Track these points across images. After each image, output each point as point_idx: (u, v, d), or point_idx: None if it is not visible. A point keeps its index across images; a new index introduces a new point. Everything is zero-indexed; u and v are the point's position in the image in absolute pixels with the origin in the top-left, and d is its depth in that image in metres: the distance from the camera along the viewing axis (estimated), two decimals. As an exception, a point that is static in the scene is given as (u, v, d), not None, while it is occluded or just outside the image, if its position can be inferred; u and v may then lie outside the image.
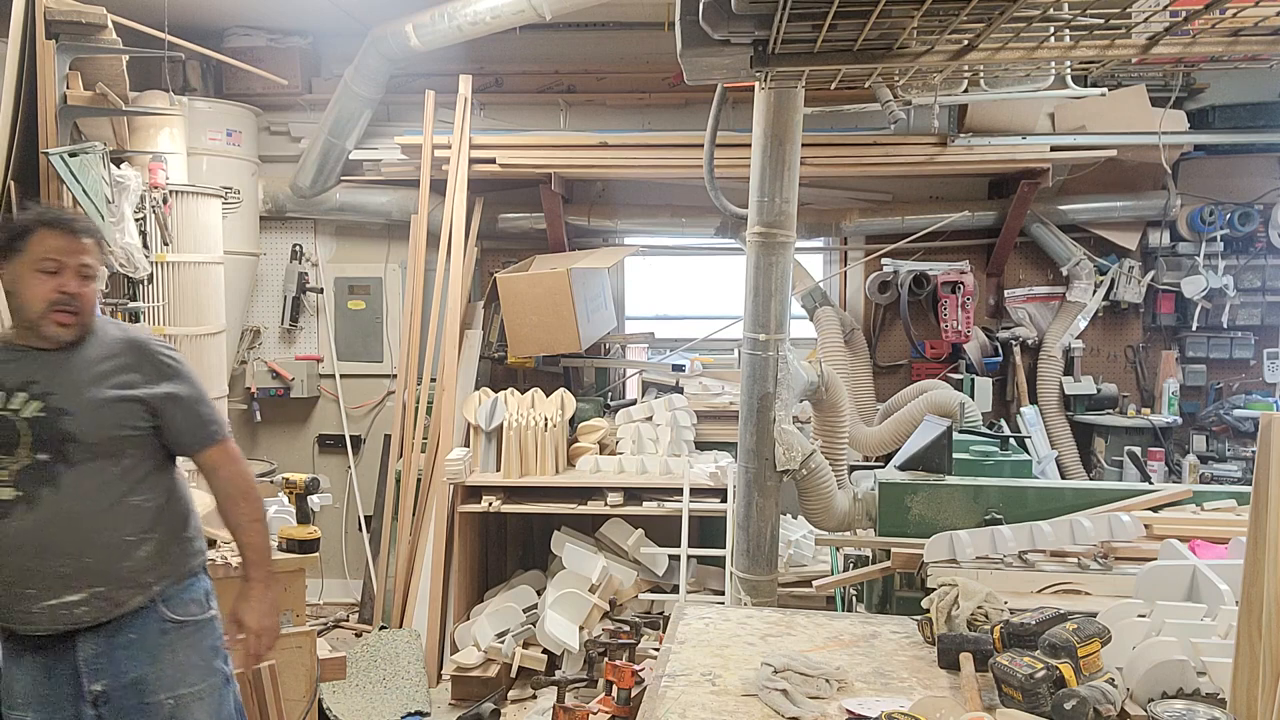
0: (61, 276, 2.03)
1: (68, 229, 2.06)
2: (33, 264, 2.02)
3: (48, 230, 2.03)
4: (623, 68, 5.28)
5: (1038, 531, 2.58)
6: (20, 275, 2.03)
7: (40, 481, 2.00)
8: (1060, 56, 2.38)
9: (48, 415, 2.01)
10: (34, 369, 2.04)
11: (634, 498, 4.49)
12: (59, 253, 2.03)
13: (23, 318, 2.04)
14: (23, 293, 2.03)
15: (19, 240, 2.03)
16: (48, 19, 3.15)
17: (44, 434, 2.00)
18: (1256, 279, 5.05)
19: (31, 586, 2.00)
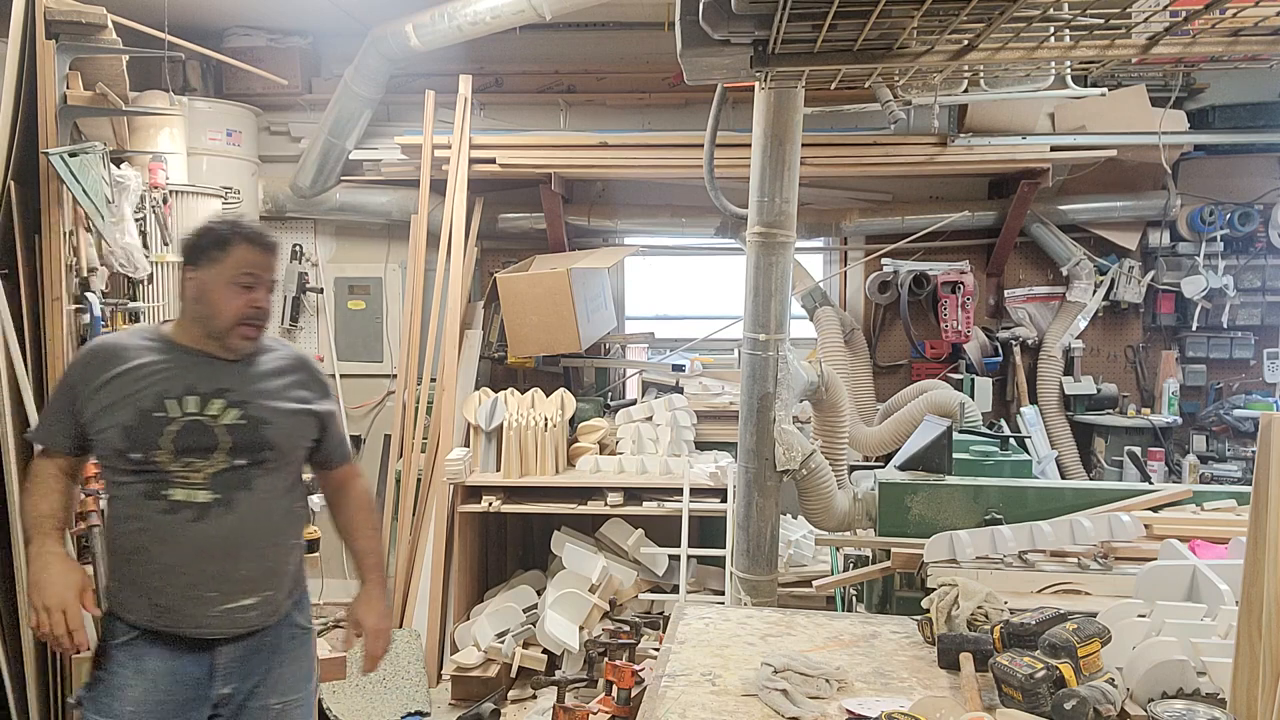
0: (255, 292, 2.04)
1: (265, 245, 2.07)
2: (229, 276, 2.01)
3: (247, 245, 2.03)
4: (623, 68, 5.28)
5: (1038, 531, 2.58)
6: (213, 285, 2.02)
7: (236, 485, 2.03)
8: (1060, 56, 2.38)
9: (248, 423, 2.04)
10: (221, 376, 2.05)
11: (634, 498, 4.48)
12: (256, 267, 2.04)
13: (210, 327, 2.04)
14: (215, 303, 2.02)
15: (217, 250, 2.02)
16: (48, 19, 3.15)
17: (243, 441, 2.03)
18: (1256, 279, 5.05)
19: (214, 590, 2.01)
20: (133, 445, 1.96)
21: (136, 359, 2.02)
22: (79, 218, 3.24)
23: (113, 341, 2.07)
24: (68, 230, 3.16)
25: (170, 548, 1.98)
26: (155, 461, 1.97)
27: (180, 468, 1.99)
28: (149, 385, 2.00)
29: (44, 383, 3.07)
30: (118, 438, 1.97)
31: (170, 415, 1.99)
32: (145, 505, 1.98)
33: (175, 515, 1.98)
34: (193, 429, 2.00)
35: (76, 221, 3.22)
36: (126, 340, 2.07)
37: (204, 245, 2.03)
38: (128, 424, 1.97)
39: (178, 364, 2.04)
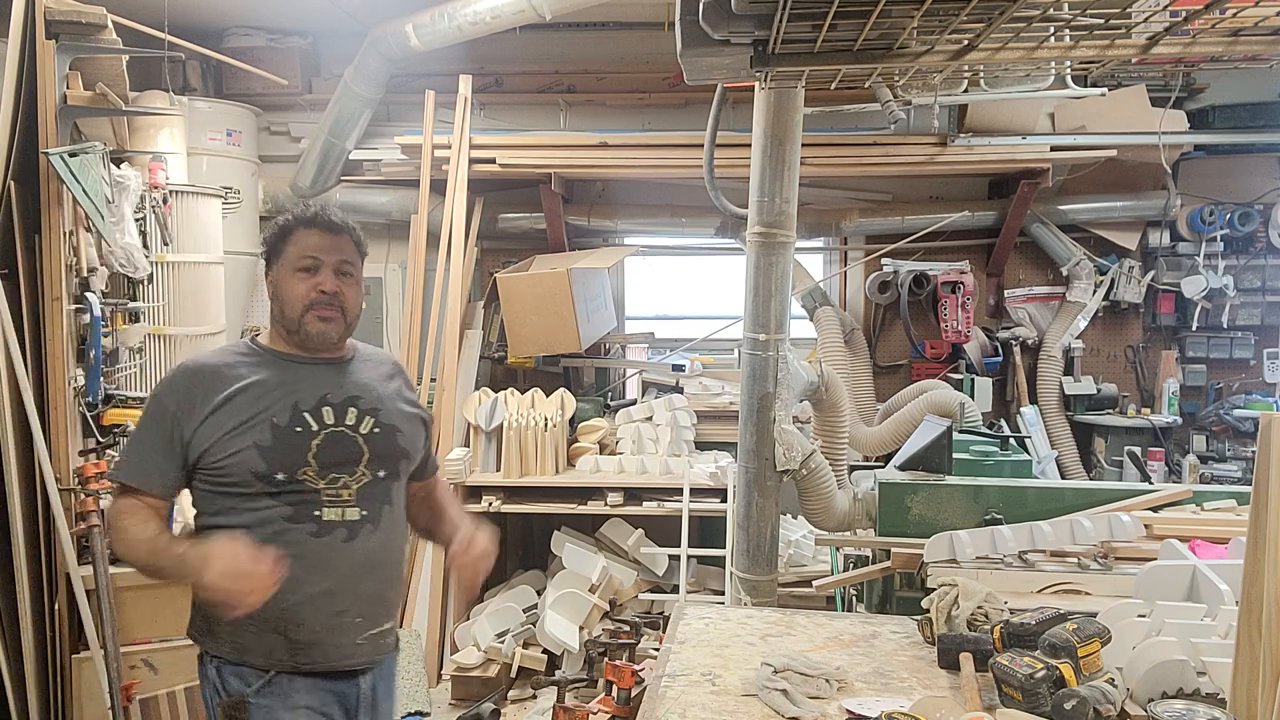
0: (319, 274, 1.91)
1: (325, 225, 1.94)
2: (291, 264, 1.91)
3: (305, 228, 1.93)
4: (623, 68, 5.28)
5: (1038, 531, 2.58)
6: (281, 278, 1.92)
7: (380, 499, 1.92)
8: (1060, 56, 2.38)
9: (383, 431, 1.93)
10: (344, 383, 1.95)
11: (634, 498, 4.48)
12: (317, 250, 1.92)
13: (286, 322, 1.92)
14: (283, 296, 1.92)
15: (280, 242, 1.93)
16: (48, 19, 3.15)
17: (381, 450, 1.92)
18: (1256, 279, 5.05)
19: (360, 614, 1.88)
20: (274, 466, 1.81)
21: (248, 375, 1.88)
22: (79, 218, 3.24)
23: (208, 361, 1.92)
24: (68, 230, 3.16)
25: (321, 574, 1.83)
26: (301, 480, 1.83)
27: (327, 484, 1.85)
28: (277, 399, 1.86)
29: (44, 383, 3.07)
30: (255, 460, 1.80)
31: (312, 428, 1.85)
32: (291, 530, 1.82)
33: (328, 537, 1.84)
34: (336, 441, 1.87)
35: (76, 221, 3.22)
36: (221, 358, 1.92)
37: (272, 242, 1.95)
38: (264, 443, 1.81)
39: (293, 374, 1.91)
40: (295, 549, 1.80)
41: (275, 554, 1.70)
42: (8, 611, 2.98)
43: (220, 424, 1.81)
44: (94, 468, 2.96)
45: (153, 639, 2.98)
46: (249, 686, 1.81)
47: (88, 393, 3.20)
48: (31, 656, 2.96)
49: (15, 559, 2.95)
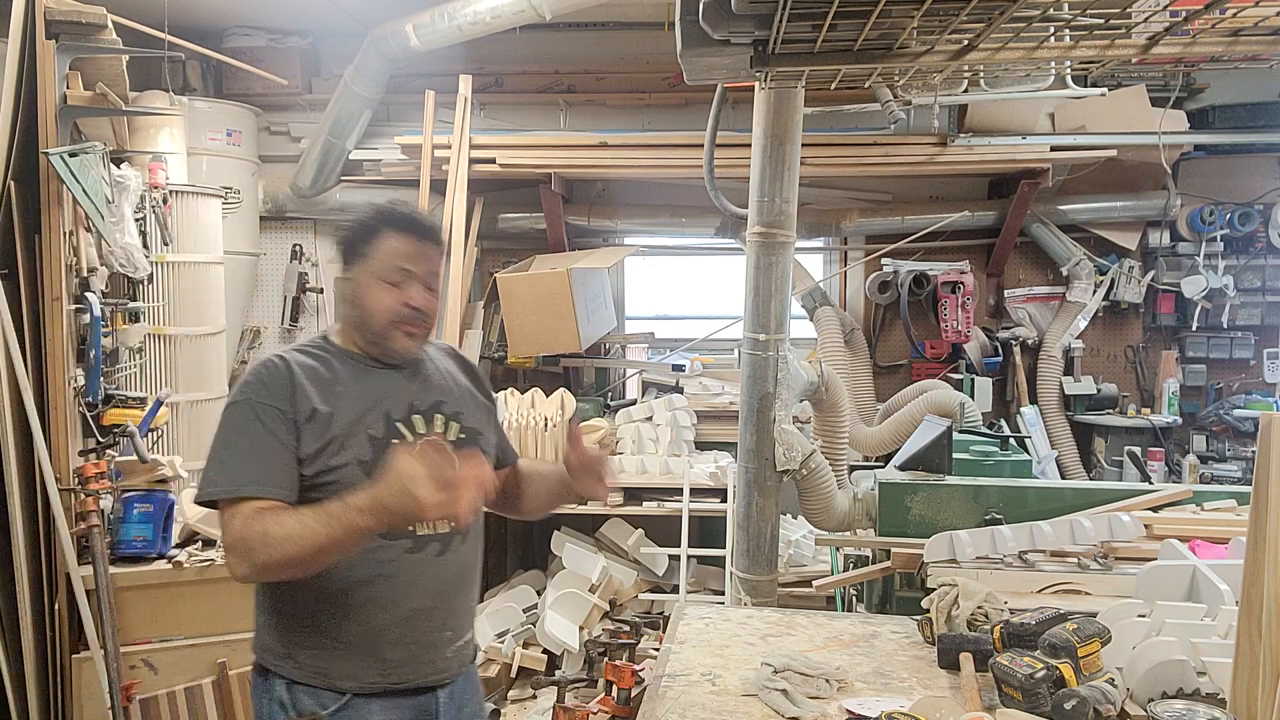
0: (408, 288, 1.76)
1: (419, 232, 1.78)
2: (377, 272, 1.75)
3: (395, 233, 1.76)
4: (623, 68, 5.28)
5: (1038, 531, 2.58)
6: (364, 283, 1.76)
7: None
8: (1060, 56, 2.38)
9: (468, 436, 1.84)
10: (429, 387, 1.85)
11: (634, 498, 4.48)
12: (408, 260, 1.75)
13: (366, 331, 1.78)
14: (366, 305, 1.76)
15: (364, 244, 1.76)
16: (48, 19, 3.15)
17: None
18: (1256, 279, 5.05)
19: (450, 627, 1.81)
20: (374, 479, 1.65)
21: (339, 382, 1.75)
22: (79, 218, 3.24)
23: (301, 360, 1.76)
24: (68, 230, 3.16)
25: (417, 591, 1.75)
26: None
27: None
28: (364, 408, 1.74)
29: (44, 383, 3.07)
30: (357, 475, 1.66)
31: (407, 440, 1.75)
32: (386, 548, 1.71)
33: (422, 552, 1.75)
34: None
35: (76, 221, 3.22)
36: (310, 359, 1.77)
37: (352, 240, 1.79)
38: (365, 458, 1.69)
39: (378, 381, 1.79)
40: (390, 567, 1.71)
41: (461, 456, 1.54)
42: (8, 611, 2.98)
43: (319, 434, 1.69)
44: (94, 468, 2.96)
45: (153, 639, 2.97)
46: (325, 708, 1.72)
47: (88, 393, 3.19)
48: (31, 656, 2.96)
49: (15, 559, 2.95)
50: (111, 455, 3.10)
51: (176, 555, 3.04)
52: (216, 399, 4.38)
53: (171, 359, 4.05)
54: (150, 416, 3.33)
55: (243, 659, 3.00)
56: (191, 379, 4.15)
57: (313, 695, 1.72)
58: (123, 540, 3.02)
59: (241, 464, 1.65)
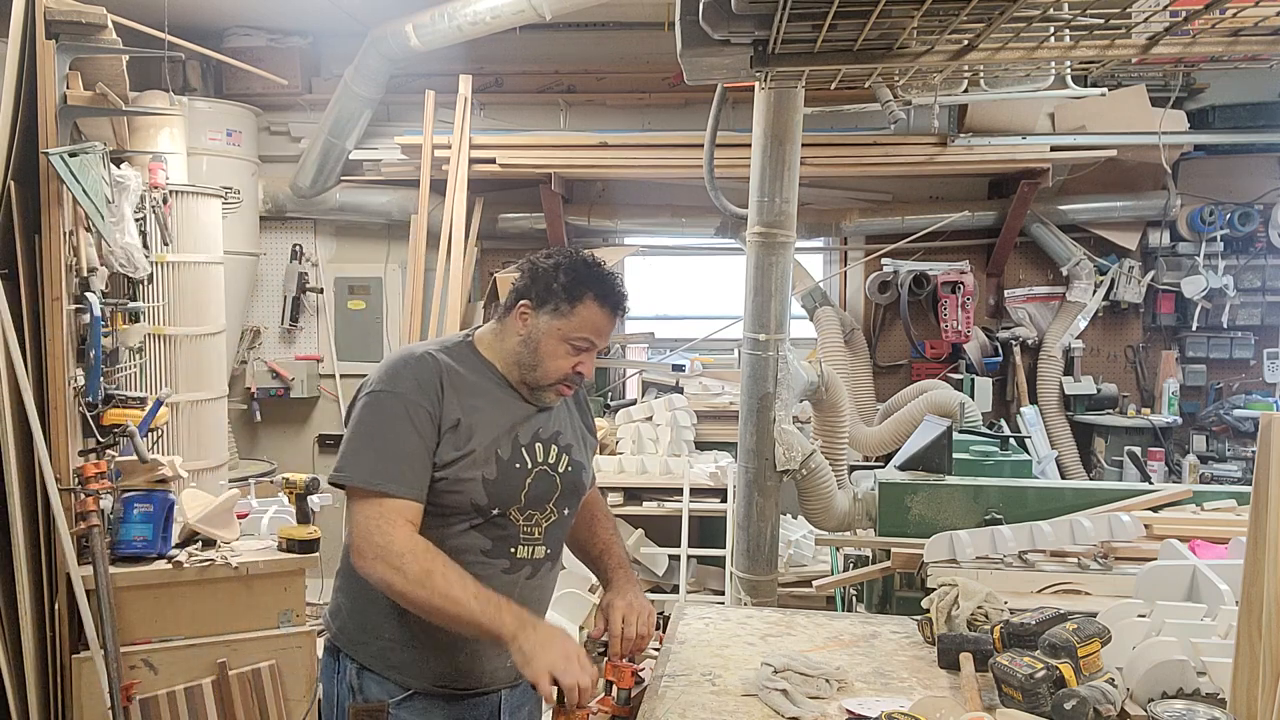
0: (585, 356, 1.77)
1: (615, 307, 1.76)
2: (567, 334, 1.74)
3: (598, 303, 1.74)
4: (623, 68, 5.28)
5: (1038, 531, 2.58)
6: (550, 336, 1.74)
7: (562, 536, 1.88)
8: (1060, 56, 2.38)
9: (573, 470, 1.85)
10: (553, 415, 1.85)
11: (634, 498, 4.48)
12: (597, 333, 1.76)
13: (527, 376, 1.78)
14: (542, 356, 1.75)
15: (566, 300, 1.73)
16: (48, 19, 3.14)
17: (570, 489, 1.85)
18: (1256, 279, 5.06)
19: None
20: (494, 501, 1.71)
21: (479, 394, 1.75)
22: (79, 218, 3.23)
23: (448, 361, 1.74)
24: (68, 230, 3.15)
25: None
26: (507, 516, 1.74)
27: (524, 521, 1.77)
28: (499, 428, 1.75)
29: (44, 383, 3.07)
30: (479, 493, 1.70)
31: (527, 465, 1.76)
32: (486, 564, 1.73)
33: (515, 574, 1.77)
34: (542, 480, 1.78)
35: (76, 221, 3.22)
36: (448, 360, 1.75)
37: (556, 290, 1.74)
38: (490, 477, 1.71)
39: (512, 401, 1.79)
40: (486, 584, 1.68)
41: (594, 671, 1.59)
42: (8, 611, 2.98)
43: (457, 445, 1.69)
44: (94, 468, 2.95)
45: (153, 639, 2.97)
46: (391, 697, 1.75)
47: (88, 393, 3.19)
48: (31, 656, 2.96)
49: (15, 559, 2.94)
50: (111, 455, 3.10)
51: (176, 555, 3.03)
52: (216, 399, 4.38)
53: (171, 359, 4.05)
54: (150, 416, 3.32)
55: (243, 659, 3.00)
56: (191, 379, 4.15)
57: (381, 684, 1.74)
58: (123, 540, 3.01)
59: (386, 458, 1.65)
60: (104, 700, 2.88)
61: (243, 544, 3.17)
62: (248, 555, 3.05)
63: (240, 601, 3.01)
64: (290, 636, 3.04)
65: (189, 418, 4.15)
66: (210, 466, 4.28)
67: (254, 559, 3.03)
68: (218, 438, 4.42)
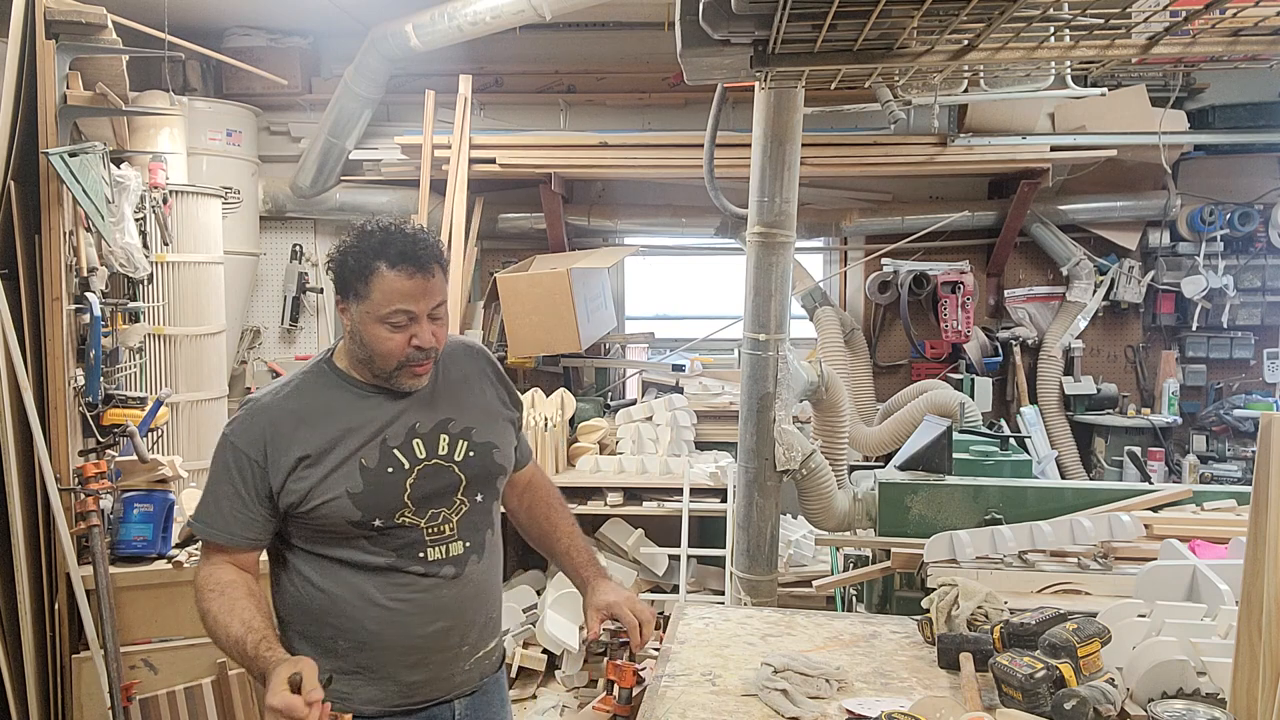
0: (413, 327, 1.68)
1: (414, 263, 1.64)
2: (377, 314, 1.65)
3: (391, 270, 1.63)
4: (623, 68, 5.28)
5: (1038, 531, 2.58)
6: (364, 322, 1.67)
7: (482, 525, 1.82)
8: (1060, 56, 2.38)
9: (478, 453, 1.80)
10: (434, 404, 1.79)
11: (634, 498, 4.48)
12: (408, 299, 1.65)
13: (374, 369, 1.73)
14: (372, 346, 1.69)
15: (360, 282, 1.65)
16: (48, 19, 3.14)
17: (478, 473, 1.79)
18: (1256, 279, 5.05)
19: (467, 641, 1.80)
20: (370, 513, 1.68)
21: (329, 414, 1.71)
22: (79, 218, 3.24)
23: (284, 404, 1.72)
24: (68, 230, 3.16)
25: (433, 614, 1.73)
26: (400, 524, 1.71)
27: (427, 522, 1.73)
28: (364, 438, 1.71)
29: (44, 383, 3.07)
30: (349, 508, 1.67)
31: (404, 466, 1.72)
32: (397, 575, 1.71)
33: (434, 577, 1.73)
34: (430, 475, 1.73)
35: (76, 221, 3.22)
36: (298, 398, 1.72)
37: (346, 276, 1.67)
38: (356, 490, 1.67)
39: (376, 405, 1.74)
40: (403, 593, 1.70)
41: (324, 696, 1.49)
42: (8, 611, 2.98)
43: (308, 475, 1.67)
44: (94, 468, 2.96)
45: (153, 639, 2.97)
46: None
47: (88, 393, 3.19)
48: (31, 656, 2.96)
49: (15, 559, 2.95)
50: (111, 455, 3.10)
51: (176, 555, 3.04)
52: (216, 399, 4.38)
53: (171, 359, 4.05)
54: (150, 416, 3.32)
55: (243, 659, 3.00)
56: (191, 379, 4.15)
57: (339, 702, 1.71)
58: (123, 540, 3.02)
59: (215, 509, 1.71)
60: (104, 700, 2.89)
61: (243, 544, 3.16)
62: (248, 555, 3.04)
63: (240, 601, 3.01)
64: (290, 636, 3.04)
65: (189, 418, 4.15)
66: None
67: (254, 559, 3.02)
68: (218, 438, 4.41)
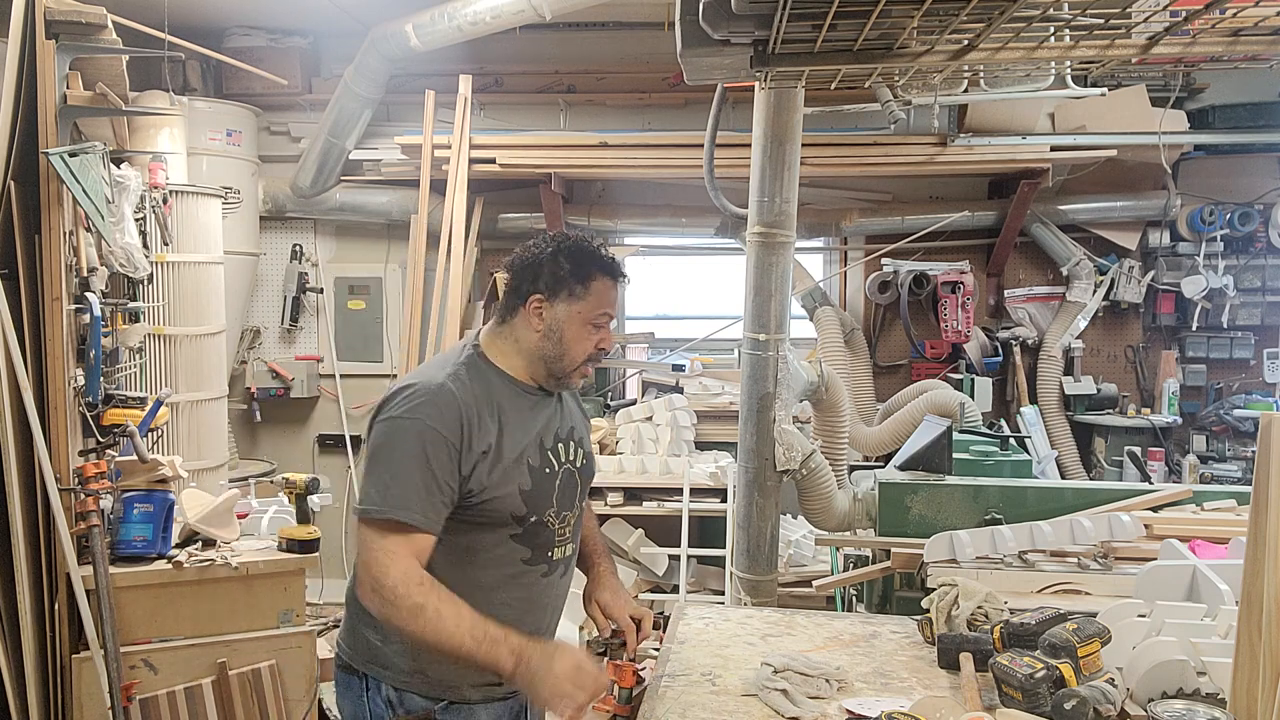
0: (604, 330, 1.80)
1: (618, 276, 1.81)
2: (589, 316, 1.77)
3: (605, 277, 1.78)
4: (623, 68, 5.28)
5: (1038, 531, 2.58)
6: (571, 322, 1.76)
7: (579, 530, 1.91)
8: (1060, 56, 2.38)
9: (587, 463, 1.90)
10: (564, 413, 1.88)
11: (634, 498, 4.48)
12: (611, 305, 1.80)
13: (555, 367, 1.79)
14: (568, 343, 1.77)
15: (578, 283, 1.75)
16: (48, 19, 3.14)
17: (587, 481, 1.90)
18: (1256, 279, 5.05)
19: (549, 634, 1.86)
20: (531, 509, 1.74)
21: (502, 410, 1.74)
22: (79, 218, 3.23)
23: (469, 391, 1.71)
24: (68, 230, 3.15)
25: (541, 610, 1.80)
26: (543, 521, 1.77)
27: (558, 523, 1.80)
28: (528, 437, 1.76)
29: (44, 383, 3.07)
30: (517, 503, 1.72)
31: (554, 468, 1.79)
32: (527, 572, 1.77)
33: (552, 575, 1.82)
34: (568, 479, 1.82)
35: (76, 221, 3.22)
36: (478, 386, 1.73)
37: (564, 276, 1.75)
38: (525, 487, 1.73)
39: (531, 406, 1.80)
40: (526, 590, 1.75)
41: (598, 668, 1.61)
42: (8, 611, 2.98)
43: (491, 467, 1.69)
44: (94, 468, 2.95)
45: (153, 639, 2.97)
46: (435, 703, 1.76)
47: (88, 393, 3.19)
48: (31, 656, 2.96)
49: (15, 559, 2.94)
50: (111, 455, 3.10)
51: (176, 555, 3.03)
52: (216, 399, 4.38)
53: (171, 359, 4.05)
54: (150, 416, 3.32)
55: (243, 659, 3.01)
56: (191, 379, 4.15)
57: (420, 696, 1.76)
58: (123, 540, 3.02)
59: (408, 493, 1.63)
60: (104, 700, 2.88)
61: (243, 544, 3.17)
62: (248, 555, 3.05)
63: (240, 601, 3.02)
64: (290, 636, 3.05)
65: (189, 418, 4.15)
66: (210, 466, 4.28)
67: (254, 559, 3.03)
68: (218, 438, 4.42)
